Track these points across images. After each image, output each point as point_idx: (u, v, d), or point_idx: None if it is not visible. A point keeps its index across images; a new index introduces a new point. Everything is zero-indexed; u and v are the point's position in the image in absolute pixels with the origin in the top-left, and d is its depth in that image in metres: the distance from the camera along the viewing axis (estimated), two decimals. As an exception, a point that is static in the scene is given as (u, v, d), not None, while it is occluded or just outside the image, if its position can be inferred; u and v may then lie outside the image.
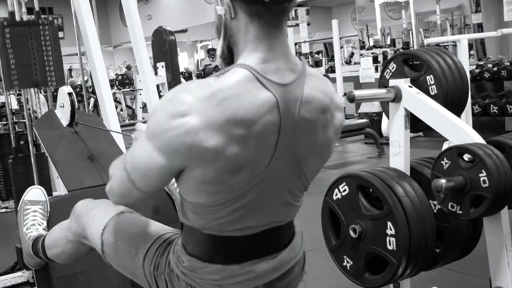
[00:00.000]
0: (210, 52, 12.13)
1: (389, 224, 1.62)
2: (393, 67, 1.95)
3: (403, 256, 1.61)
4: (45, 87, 2.62)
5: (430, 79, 1.86)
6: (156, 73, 5.24)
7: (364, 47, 10.98)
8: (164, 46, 5.35)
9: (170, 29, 5.42)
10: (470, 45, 8.91)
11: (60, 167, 2.06)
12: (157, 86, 4.32)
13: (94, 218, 1.46)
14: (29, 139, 2.52)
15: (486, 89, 6.55)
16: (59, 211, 1.87)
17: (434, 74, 1.85)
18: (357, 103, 7.26)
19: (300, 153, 1.13)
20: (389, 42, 10.35)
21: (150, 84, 2.96)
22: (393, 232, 1.61)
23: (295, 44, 8.98)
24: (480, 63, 7.09)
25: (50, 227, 1.77)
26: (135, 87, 10.47)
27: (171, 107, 1.02)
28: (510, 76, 6.31)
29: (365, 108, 7.29)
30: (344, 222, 1.74)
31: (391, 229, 1.62)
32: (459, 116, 1.86)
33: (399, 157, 1.80)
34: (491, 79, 6.47)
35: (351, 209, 1.73)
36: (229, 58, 1.13)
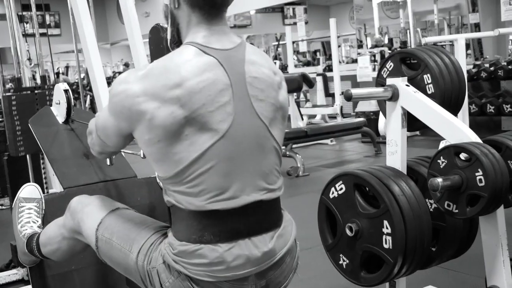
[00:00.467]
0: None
1: (385, 222, 1.62)
2: (391, 66, 1.95)
3: (399, 254, 1.60)
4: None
5: (427, 78, 1.86)
6: (153, 71, 5.21)
7: (361, 46, 10.98)
8: (161, 43, 5.30)
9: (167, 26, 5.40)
10: (467, 44, 8.92)
11: (55, 164, 2.04)
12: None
13: (89, 214, 1.46)
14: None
15: (483, 88, 6.56)
16: (54, 208, 1.86)
17: (432, 73, 1.85)
18: (354, 101, 7.29)
19: (259, 108, 1.23)
20: (386, 41, 10.35)
21: (147, 81, 2.95)
22: (389, 230, 1.61)
23: (293, 42, 8.91)
24: (477, 62, 7.09)
25: (45, 224, 1.76)
26: (132, 84, 10.43)
27: (121, 78, 1.23)
28: (507, 76, 6.32)
29: (362, 107, 7.30)
30: (341, 220, 1.74)
31: (387, 227, 1.62)
32: (456, 115, 1.86)
33: (395, 156, 1.80)
34: (488, 78, 6.48)
35: (347, 207, 1.73)
36: (179, 43, 1.31)
